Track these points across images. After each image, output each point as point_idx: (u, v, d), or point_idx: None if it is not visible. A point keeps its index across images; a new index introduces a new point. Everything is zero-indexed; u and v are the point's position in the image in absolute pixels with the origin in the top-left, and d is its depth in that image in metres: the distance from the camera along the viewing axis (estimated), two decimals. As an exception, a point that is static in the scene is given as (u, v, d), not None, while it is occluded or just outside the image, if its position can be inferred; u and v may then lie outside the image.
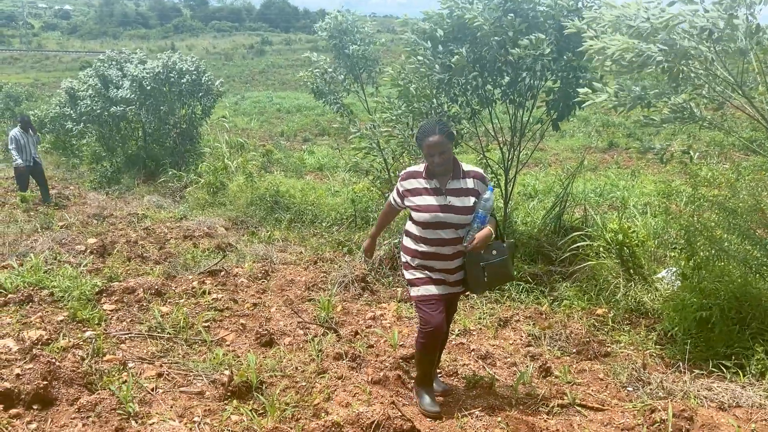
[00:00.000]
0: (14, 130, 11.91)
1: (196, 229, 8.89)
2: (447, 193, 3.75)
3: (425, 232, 3.79)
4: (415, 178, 3.85)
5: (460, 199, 3.74)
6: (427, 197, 3.78)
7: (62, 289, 5.79)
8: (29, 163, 11.81)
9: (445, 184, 3.77)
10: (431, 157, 3.69)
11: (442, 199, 3.75)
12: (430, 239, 3.79)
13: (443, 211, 3.73)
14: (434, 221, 3.74)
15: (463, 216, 3.72)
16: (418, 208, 3.78)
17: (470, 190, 3.77)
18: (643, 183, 12.32)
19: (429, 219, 3.74)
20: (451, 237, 3.76)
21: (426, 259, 3.84)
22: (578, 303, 5.90)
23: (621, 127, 21.47)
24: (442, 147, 3.67)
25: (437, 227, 3.75)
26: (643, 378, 4.36)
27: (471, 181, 3.79)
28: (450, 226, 3.74)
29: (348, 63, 8.18)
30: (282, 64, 50.93)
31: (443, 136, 3.68)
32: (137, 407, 3.80)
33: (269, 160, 15.47)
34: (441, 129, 3.70)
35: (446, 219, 3.73)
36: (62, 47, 73.45)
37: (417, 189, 3.83)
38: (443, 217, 3.73)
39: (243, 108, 30.24)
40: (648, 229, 7.02)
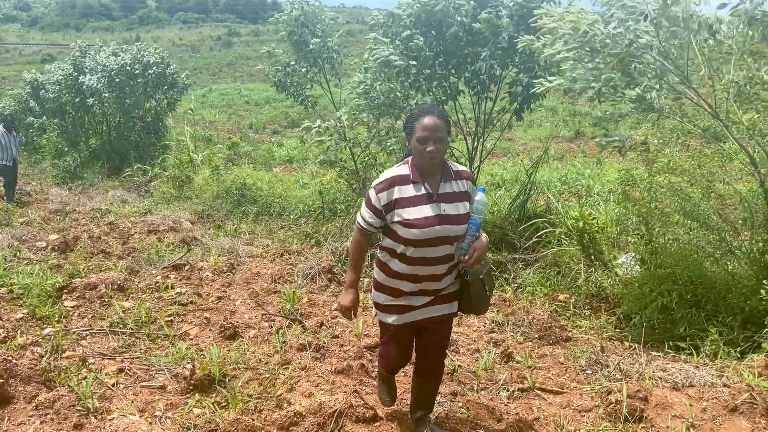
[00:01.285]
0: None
1: (161, 224, 8.80)
2: (439, 199, 3.06)
3: (414, 252, 3.06)
4: (401, 183, 3.07)
5: (455, 206, 3.07)
6: (422, 208, 3.02)
7: (22, 286, 5.71)
8: (8, 163, 11.44)
9: (437, 188, 3.07)
10: (423, 144, 2.97)
11: (436, 208, 3.03)
12: (418, 258, 3.07)
13: (441, 223, 3.01)
14: (429, 237, 3.02)
15: (461, 226, 3.05)
16: (412, 224, 3.01)
17: (463, 194, 3.12)
18: (607, 171, 12.50)
19: (424, 236, 3.01)
20: (443, 255, 3.08)
21: (412, 293, 3.19)
22: (541, 289, 5.99)
23: (587, 117, 21.69)
24: (440, 132, 2.98)
25: (431, 244, 3.04)
26: (602, 361, 4.45)
27: (463, 183, 3.15)
28: (446, 241, 3.05)
29: (310, 56, 8.14)
30: (250, 55, 50.39)
31: (440, 119, 3.01)
32: (97, 403, 3.77)
33: (236, 152, 15.35)
34: (439, 112, 3.04)
35: (444, 233, 3.02)
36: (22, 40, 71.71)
37: (408, 198, 3.05)
38: (440, 230, 3.02)
39: (210, 100, 29.89)
40: (610, 216, 7.14)
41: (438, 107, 3.13)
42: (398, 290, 3.19)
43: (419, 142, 3.00)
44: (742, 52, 4.44)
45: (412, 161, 3.11)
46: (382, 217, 3.10)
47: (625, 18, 4.33)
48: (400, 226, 3.03)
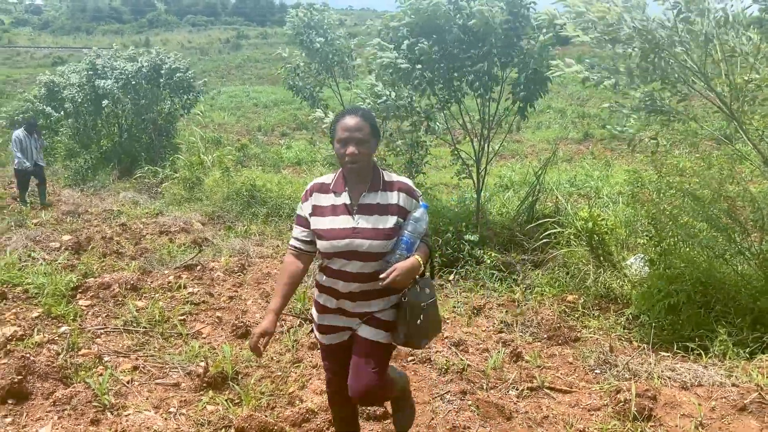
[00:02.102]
0: (17, 132, 11.69)
1: (172, 225, 8.89)
2: (359, 210, 2.78)
3: (332, 265, 2.82)
4: (321, 191, 2.87)
5: (374, 218, 2.75)
6: (334, 219, 2.78)
7: (37, 286, 5.79)
8: (29, 166, 11.51)
9: (358, 199, 2.80)
10: (344, 148, 2.73)
11: (350, 220, 2.77)
12: (336, 271, 2.81)
13: (351, 236, 2.74)
14: (339, 251, 2.76)
15: (377, 242, 2.72)
16: (321, 234, 2.79)
17: (390, 207, 2.78)
18: (616, 173, 12.51)
19: (333, 248, 2.76)
20: (358, 271, 2.77)
21: (335, 312, 2.91)
22: (550, 290, 6.02)
23: (596, 119, 21.70)
24: (360, 132, 2.72)
25: (344, 258, 2.77)
26: (610, 361, 4.49)
27: (395, 195, 2.80)
28: (359, 256, 2.74)
29: (317, 57, 8.23)
30: (258, 58, 50.63)
31: (364, 120, 2.75)
32: (113, 399, 3.84)
33: (245, 154, 15.44)
34: (364, 113, 2.79)
35: (353, 246, 2.73)
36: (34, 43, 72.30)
37: (323, 207, 2.83)
38: (349, 244, 2.74)
39: (219, 103, 30.04)
40: (619, 217, 7.17)
41: (363, 108, 2.86)
42: (323, 306, 2.93)
43: (339, 144, 2.75)
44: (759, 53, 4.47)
45: (340, 172, 2.88)
46: (307, 227, 2.88)
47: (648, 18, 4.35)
48: (316, 236, 2.83)
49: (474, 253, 6.70)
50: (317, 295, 2.97)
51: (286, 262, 2.96)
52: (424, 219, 2.76)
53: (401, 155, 7.97)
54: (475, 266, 6.58)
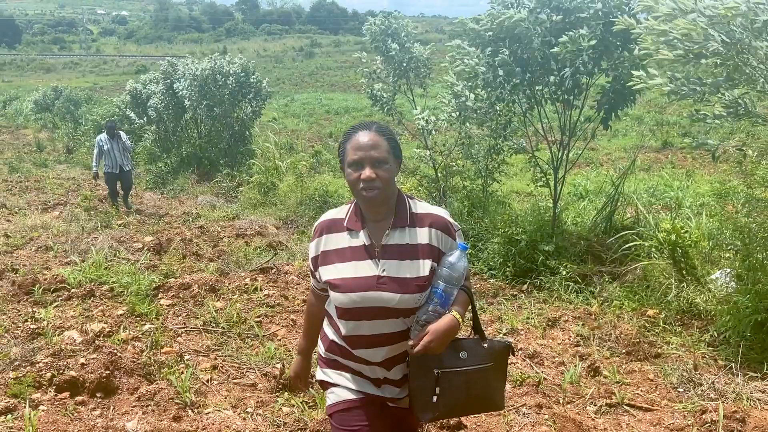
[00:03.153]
0: (99, 136, 11.54)
1: (248, 228, 9.11)
2: (381, 254, 2.18)
3: (346, 325, 2.23)
4: (332, 231, 2.29)
5: (401, 265, 2.16)
6: (349, 265, 2.19)
7: (121, 285, 6.04)
8: (114, 170, 11.31)
9: (381, 239, 2.20)
10: (357, 172, 2.14)
11: (373, 266, 2.17)
12: (352, 336, 2.22)
13: (376, 287, 2.14)
14: (360, 307, 2.16)
15: (410, 296, 2.13)
16: (336, 285, 2.19)
17: (422, 248, 2.19)
18: (698, 183, 12.05)
19: (353, 303, 2.16)
20: (384, 333, 2.18)
21: (346, 359, 2.29)
22: (628, 304, 5.84)
23: (676, 126, 20.95)
24: (377, 150, 2.14)
25: (364, 317, 2.17)
26: (694, 379, 4.31)
27: (426, 232, 2.21)
28: (386, 314, 2.15)
29: (393, 63, 8.28)
30: (331, 65, 51.45)
31: (380, 136, 2.18)
32: (193, 397, 3.96)
33: (318, 160, 15.69)
34: (380, 128, 2.22)
35: (379, 301, 2.14)
36: (119, 52, 75.83)
37: (338, 251, 2.25)
38: (374, 298, 2.14)
39: (293, 110, 30.64)
40: (702, 230, 6.89)
41: (378, 122, 2.27)
42: (336, 362, 2.33)
43: (352, 168, 2.15)
44: None
45: (355, 203, 2.30)
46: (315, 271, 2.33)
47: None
48: (328, 288, 2.24)
49: (549, 264, 6.58)
50: (327, 352, 2.36)
51: (308, 302, 2.54)
52: (462, 264, 2.13)
53: (477, 162, 7.92)
54: (549, 277, 6.46)
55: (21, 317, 5.30)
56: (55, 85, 29.68)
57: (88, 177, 15.59)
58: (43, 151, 20.98)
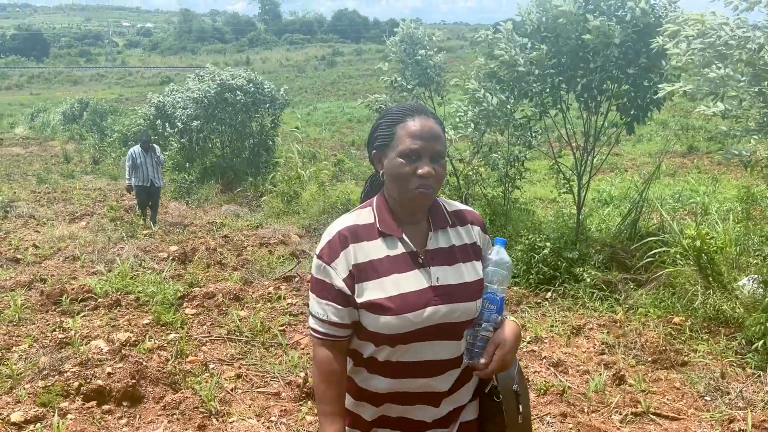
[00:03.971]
0: (133, 148, 11.21)
1: (272, 237, 9.17)
2: (430, 260, 1.79)
3: (394, 355, 1.76)
4: (361, 238, 1.80)
5: (457, 270, 1.81)
6: (401, 277, 1.76)
7: (147, 294, 6.12)
8: (146, 184, 11.00)
9: (423, 243, 1.81)
10: (414, 163, 1.75)
11: (424, 276, 1.77)
12: (401, 365, 1.77)
13: (436, 300, 1.75)
14: (418, 328, 1.74)
15: (471, 303, 1.79)
16: (387, 307, 1.72)
17: (470, 249, 1.88)
18: (724, 188, 11.89)
19: (410, 326, 1.72)
20: (446, 358, 1.79)
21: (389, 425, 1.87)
22: (654, 311, 5.77)
23: (701, 131, 20.70)
24: (439, 142, 1.77)
25: (422, 338, 1.75)
26: (722, 388, 4.25)
27: (470, 230, 1.91)
28: (449, 332, 1.78)
29: (418, 69, 8.32)
30: (353, 74, 51.68)
31: (440, 127, 1.81)
32: (218, 406, 3.99)
33: (341, 169, 15.76)
34: (435, 117, 1.83)
35: (444, 317, 1.75)
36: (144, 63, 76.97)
37: (377, 263, 1.77)
38: (437, 314, 1.74)
39: (315, 119, 30.83)
40: (729, 235, 6.79)
41: (432, 111, 1.87)
42: (364, 421, 1.88)
43: (406, 159, 1.74)
44: None
45: (379, 201, 1.86)
46: (350, 303, 1.77)
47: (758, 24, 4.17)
48: (367, 312, 1.74)
49: (573, 271, 6.53)
50: (354, 405, 1.89)
51: (323, 361, 1.80)
52: (507, 259, 1.85)
53: (497, 170, 7.90)
54: (573, 284, 6.41)
55: (49, 327, 5.39)
56: (82, 97, 30.21)
57: (115, 187, 15.86)
58: (70, 162, 21.34)
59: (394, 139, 1.78)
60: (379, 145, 1.84)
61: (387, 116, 1.84)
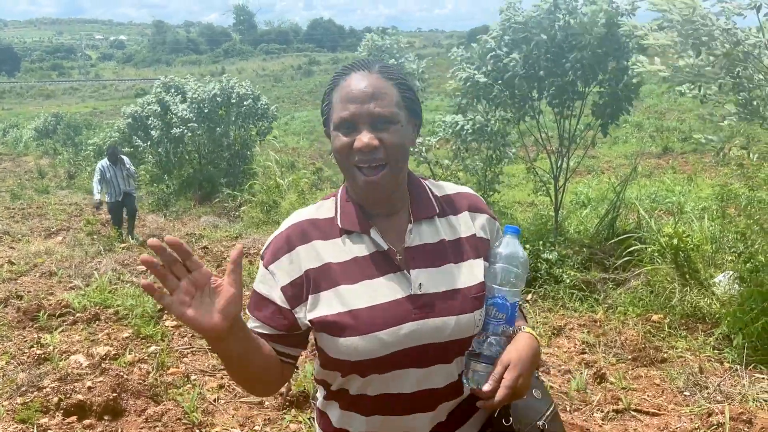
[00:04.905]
0: (101, 162, 10.77)
1: (252, 247, 9.12)
2: (409, 261, 1.40)
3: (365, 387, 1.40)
4: (316, 237, 1.43)
5: (446, 273, 1.41)
6: (370, 285, 1.37)
7: (126, 308, 6.05)
8: (118, 198, 10.63)
9: (401, 239, 1.42)
10: (349, 136, 1.34)
11: (401, 282, 1.38)
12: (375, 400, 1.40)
13: (416, 314, 1.36)
14: (392, 353, 1.35)
15: (467, 317, 1.39)
16: (347, 326, 1.34)
17: (468, 243, 1.47)
18: (700, 187, 12.07)
19: (382, 349, 1.34)
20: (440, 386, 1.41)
21: None
22: (633, 310, 5.83)
23: (676, 132, 21.00)
24: (382, 104, 1.33)
25: (397, 365, 1.37)
26: (700, 383, 4.31)
27: (466, 218, 1.50)
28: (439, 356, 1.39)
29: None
30: (330, 83, 51.77)
31: (387, 81, 1.37)
32: (201, 417, 3.96)
33: (320, 177, 15.75)
34: (383, 68, 1.40)
35: (425, 337, 1.36)
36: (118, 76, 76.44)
37: (336, 268, 1.39)
38: (416, 333, 1.35)
39: (293, 128, 30.80)
40: (705, 233, 6.90)
41: (382, 61, 1.44)
42: None
43: (341, 131, 1.35)
44: None
45: (344, 190, 1.47)
46: (290, 319, 1.39)
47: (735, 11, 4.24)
48: (323, 334, 1.37)
49: (552, 272, 6.58)
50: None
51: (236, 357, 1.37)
52: (521, 253, 1.42)
53: (476, 174, 7.96)
54: (554, 285, 6.46)
55: (27, 343, 5.31)
56: (55, 111, 29.89)
57: (90, 202, 15.67)
58: (44, 178, 21.09)
59: (331, 108, 1.39)
60: (325, 119, 1.44)
61: (330, 82, 1.43)
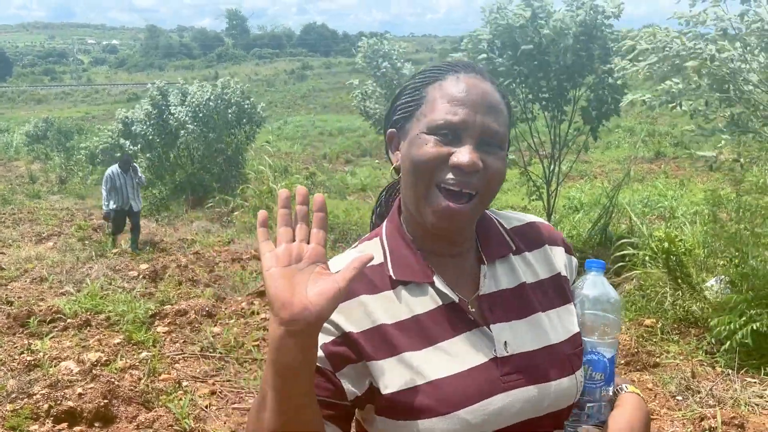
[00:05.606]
0: (112, 169, 10.23)
1: (244, 252, 9.11)
2: (488, 314, 1.06)
3: None
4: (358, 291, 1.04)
5: (534, 325, 1.08)
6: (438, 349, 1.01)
7: (117, 313, 6.02)
8: (124, 207, 10.10)
9: (471, 286, 1.09)
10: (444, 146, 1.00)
11: (483, 343, 1.03)
12: None
13: (505, 385, 1.01)
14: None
15: (568, 380, 1.06)
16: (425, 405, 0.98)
17: (556, 285, 1.17)
18: (692, 192, 12.13)
19: (469, 430, 0.98)
20: None
21: None
22: (626, 314, 5.84)
23: (668, 137, 21.13)
24: (496, 118, 1.03)
25: None
26: (693, 387, 4.31)
27: (547, 254, 1.20)
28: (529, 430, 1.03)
29: (383, 82, 8.41)
30: (323, 87, 51.77)
31: (499, 94, 1.06)
32: (192, 423, 3.94)
33: (313, 182, 15.75)
34: (492, 77, 1.10)
35: (528, 410, 1.02)
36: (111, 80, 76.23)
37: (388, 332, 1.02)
38: (507, 407, 1.00)
39: (286, 133, 30.80)
40: (696, 238, 6.92)
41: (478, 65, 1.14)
42: None
43: (437, 136, 1.02)
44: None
45: (392, 225, 1.15)
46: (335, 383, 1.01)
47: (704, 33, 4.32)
48: (386, 418, 1.03)
49: (545, 277, 6.59)
50: None
51: None
52: (613, 293, 1.17)
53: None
54: (546, 290, 6.46)
55: (17, 349, 5.27)
56: (47, 116, 29.78)
57: (82, 207, 15.62)
58: (35, 183, 20.98)
59: (423, 104, 1.05)
60: (399, 118, 1.10)
61: (417, 76, 1.12)
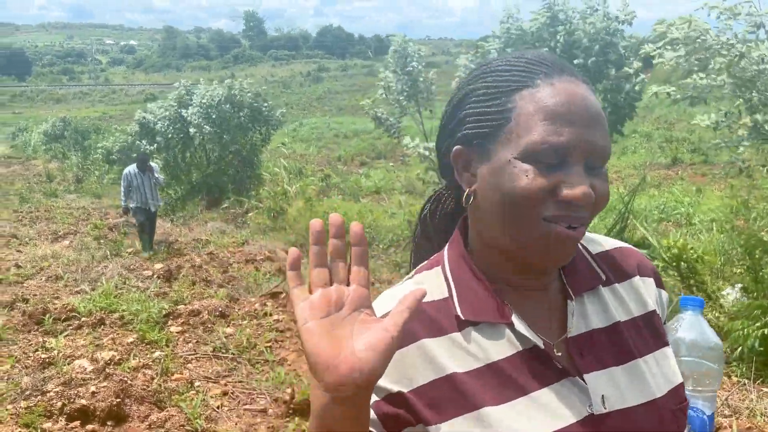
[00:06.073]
0: (129, 168, 10.10)
1: (258, 254, 9.14)
2: (578, 361, 0.83)
3: None
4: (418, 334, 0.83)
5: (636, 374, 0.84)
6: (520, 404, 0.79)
7: (131, 313, 6.06)
8: (143, 206, 9.88)
9: (562, 327, 0.86)
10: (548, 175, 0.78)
11: (574, 396, 0.80)
12: None
13: None
14: None
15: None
16: None
17: (651, 324, 0.91)
18: (709, 199, 12.01)
19: None
20: None
21: None
22: (640, 321, 5.80)
23: (685, 143, 20.93)
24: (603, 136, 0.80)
25: None
26: (709, 397, 4.26)
27: (639, 287, 0.93)
28: None
29: (409, 80, 8.46)
30: (339, 89, 51.88)
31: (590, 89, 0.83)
32: (204, 424, 3.95)
33: (327, 184, 15.77)
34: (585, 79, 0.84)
35: None
36: (128, 81, 76.90)
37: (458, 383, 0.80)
38: None
39: (301, 134, 30.88)
40: (714, 245, 6.85)
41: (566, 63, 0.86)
42: None
43: (537, 164, 0.78)
44: None
45: (456, 253, 0.91)
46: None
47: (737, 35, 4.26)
48: None
49: (558, 283, 6.56)
50: None
51: None
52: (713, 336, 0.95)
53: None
54: (559, 296, 6.43)
55: (32, 347, 5.32)
56: (64, 116, 30.07)
57: (98, 206, 15.74)
58: (53, 182, 21.18)
59: (511, 120, 0.81)
60: (473, 134, 0.86)
61: (492, 74, 0.86)
